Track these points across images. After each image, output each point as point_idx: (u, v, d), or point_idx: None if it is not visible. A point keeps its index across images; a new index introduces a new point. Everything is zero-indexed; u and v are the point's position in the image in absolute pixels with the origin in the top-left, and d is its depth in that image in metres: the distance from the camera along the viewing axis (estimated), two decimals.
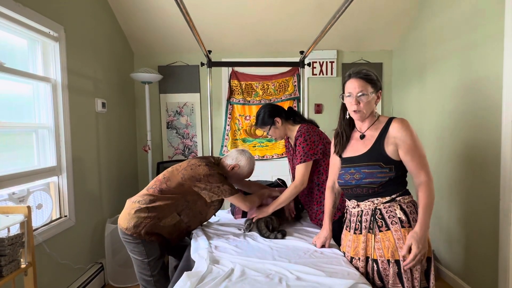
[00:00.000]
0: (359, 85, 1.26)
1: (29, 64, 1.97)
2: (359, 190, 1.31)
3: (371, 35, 3.13)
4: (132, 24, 2.95)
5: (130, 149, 3.21)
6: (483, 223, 2.08)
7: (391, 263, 1.24)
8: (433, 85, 2.59)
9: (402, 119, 1.28)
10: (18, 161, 1.89)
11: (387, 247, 1.24)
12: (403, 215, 1.25)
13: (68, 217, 2.15)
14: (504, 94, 1.86)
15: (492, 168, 1.98)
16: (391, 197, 1.27)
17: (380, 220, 1.27)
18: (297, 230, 1.79)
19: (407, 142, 1.23)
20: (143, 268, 1.65)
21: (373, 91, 1.28)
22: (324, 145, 1.72)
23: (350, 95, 1.28)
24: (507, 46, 1.83)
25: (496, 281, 1.96)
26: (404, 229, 1.23)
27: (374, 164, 1.27)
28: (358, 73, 1.28)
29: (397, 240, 1.23)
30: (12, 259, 1.29)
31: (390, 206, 1.27)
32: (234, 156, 1.77)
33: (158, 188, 1.62)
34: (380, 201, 1.28)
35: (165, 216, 1.62)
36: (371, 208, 1.29)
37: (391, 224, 1.25)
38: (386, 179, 1.25)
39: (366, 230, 1.29)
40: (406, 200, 1.28)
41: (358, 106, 1.27)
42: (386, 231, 1.25)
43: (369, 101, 1.27)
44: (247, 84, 3.31)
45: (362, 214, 1.32)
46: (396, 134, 1.25)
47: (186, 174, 1.61)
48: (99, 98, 2.55)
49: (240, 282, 1.18)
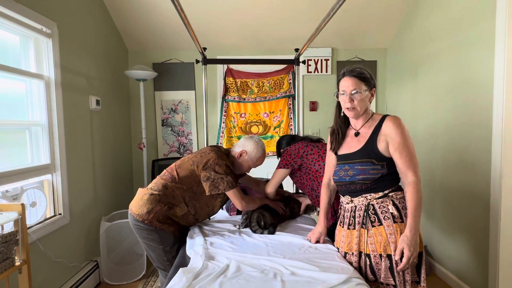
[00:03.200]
0: (353, 83, 1.28)
1: (21, 61, 1.95)
2: (353, 186, 1.33)
3: (365, 33, 3.15)
4: (126, 20, 2.93)
5: (125, 147, 3.19)
6: (474, 219, 2.12)
7: (383, 258, 1.27)
8: (426, 83, 2.62)
9: (395, 117, 1.30)
10: (11, 159, 1.87)
11: (379, 241, 1.27)
12: (395, 211, 1.27)
13: (62, 215, 2.14)
14: (495, 93, 1.89)
15: (483, 165, 2.02)
16: (384, 193, 1.29)
17: (373, 216, 1.29)
18: (292, 226, 1.81)
19: (397, 139, 1.25)
20: (159, 254, 1.66)
21: (367, 89, 1.30)
22: (301, 158, 1.75)
23: (344, 93, 1.31)
24: (498, 46, 1.86)
25: (486, 275, 2.00)
26: (396, 224, 1.26)
27: (367, 161, 1.29)
28: (352, 71, 1.30)
29: (389, 235, 1.25)
30: (6, 257, 1.29)
31: (383, 201, 1.29)
32: (241, 143, 1.78)
33: (170, 175, 1.64)
34: (373, 196, 1.30)
35: (175, 205, 1.64)
36: (364, 204, 1.31)
37: (384, 219, 1.27)
38: (378, 175, 1.28)
39: (360, 225, 1.32)
40: (398, 195, 1.30)
41: (352, 103, 1.29)
42: (379, 226, 1.28)
43: (363, 98, 1.29)
44: (242, 82, 3.31)
45: (355, 209, 1.34)
46: (387, 131, 1.27)
47: (196, 161, 1.63)
48: (93, 96, 2.53)
49: (235, 278, 1.19)
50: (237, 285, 1.14)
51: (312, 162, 1.71)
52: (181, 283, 1.13)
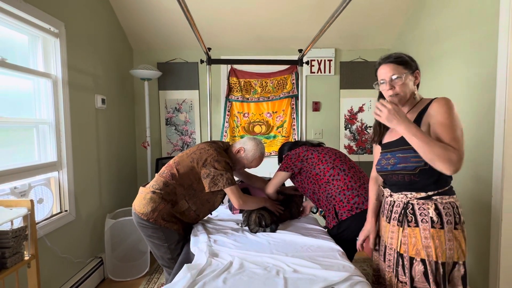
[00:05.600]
0: (391, 69, 1.21)
1: (29, 60, 1.98)
2: (394, 177, 1.24)
3: (368, 34, 3.16)
4: (131, 20, 2.96)
5: (129, 145, 3.23)
6: (475, 219, 2.13)
7: (416, 261, 1.18)
8: (429, 83, 2.63)
9: (444, 98, 1.17)
10: (19, 156, 1.91)
11: (413, 243, 1.19)
12: (436, 216, 1.16)
13: (68, 211, 2.18)
14: (497, 94, 1.90)
15: (485, 166, 2.03)
16: (427, 194, 1.19)
17: (410, 215, 1.21)
18: (294, 225, 1.83)
19: (438, 118, 1.13)
20: (164, 252, 1.67)
21: (408, 71, 1.21)
22: (301, 162, 1.77)
23: (384, 82, 1.23)
24: (501, 47, 1.87)
25: (487, 276, 2.02)
26: (434, 229, 1.16)
27: (408, 148, 1.18)
28: (388, 57, 1.24)
29: (424, 239, 1.17)
30: (15, 251, 1.32)
31: (424, 203, 1.19)
32: (242, 141, 1.81)
33: (170, 173, 1.65)
34: (414, 195, 1.21)
35: (177, 202, 1.66)
36: (404, 201, 1.23)
37: (421, 222, 1.18)
38: (421, 164, 1.15)
39: (396, 222, 1.25)
40: (444, 200, 1.18)
41: (394, 90, 1.21)
42: (415, 227, 1.19)
43: (405, 83, 1.20)
44: (245, 82, 3.34)
45: (394, 204, 1.27)
46: (432, 112, 1.16)
47: (195, 158, 1.64)
48: (98, 94, 2.57)
49: (238, 274, 1.22)
50: (241, 281, 1.17)
51: (312, 166, 1.72)
52: (186, 278, 1.16)
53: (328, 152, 1.76)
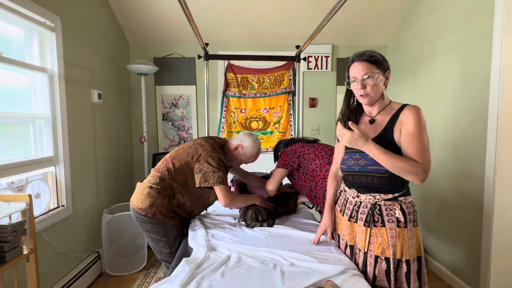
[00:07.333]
0: (363, 68, 1.19)
1: (25, 54, 1.97)
2: (363, 178, 1.25)
3: (365, 31, 3.17)
4: (128, 15, 2.94)
5: (126, 141, 3.22)
6: (467, 215, 2.17)
7: (379, 260, 1.22)
8: (425, 81, 2.66)
9: (415, 106, 1.19)
10: (16, 151, 1.90)
11: (378, 243, 1.22)
12: (401, 216, 1.21)
13: (65, 206, 2.18)
14: (491, 92, 1.93)
15: (477, 162, 2.07)
16: (394, 196, 1.22)
17: (377, 216, 1.23)
18: (291, 220, 1.86)
19: (408, 127, 1.15)
20: (162, 246, 1.69)
21: (379, 72, 1.19)
22: (298, 158, 1.78)
23: (355, 80, 1.21)
24: (495, 45, 1.89)
25: (478, 269, 2.07)
26: (399, 228, 1.20)
27: None
28: (361, 55, 1.22)
29: (390, 238, 1.21)
30: (14, 246, 1.33)
31: (391, 204, 1.22)
32: (239, 137, 1.81)
33: (166, 167, 1.66)
34: (382, 197, 1.23)
35: (173, 196, 1.67)
36: (371, 203, 1.25)
37: (387, 222, 1.21)
38: None
39: (362, 222, 1.26)
40: (407, 200, 1.24)
41: (365, 90, 1.20)
42: (381, 227, 1.22)
43: (376, 83, 1.19)
44: (243, 77, 3.34)
45: (360, 205, 1.28)
46: (403, 119, 1.17)
47: (191, 152, 1.65)
48: (95, 89, 2.55)
49: (236, 268, 1.24)
50: (238, 274, 1.19)
51: (309, 162, 1.74)
52: (185, 272, 1.17)
53: (324, 148, 1.78)
